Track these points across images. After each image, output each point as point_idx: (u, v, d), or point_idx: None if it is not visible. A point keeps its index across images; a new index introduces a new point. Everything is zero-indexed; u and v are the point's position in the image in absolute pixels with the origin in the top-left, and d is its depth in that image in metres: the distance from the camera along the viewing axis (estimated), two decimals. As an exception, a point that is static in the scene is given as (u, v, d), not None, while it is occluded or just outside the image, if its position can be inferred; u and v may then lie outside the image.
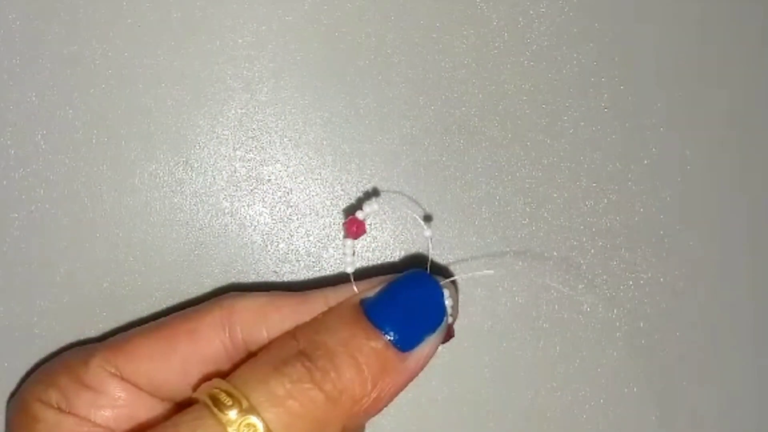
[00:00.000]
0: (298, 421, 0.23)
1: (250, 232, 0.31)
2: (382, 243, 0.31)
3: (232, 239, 0.31)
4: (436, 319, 0.25)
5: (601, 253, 0.32)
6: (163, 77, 0.30)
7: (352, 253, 0.27)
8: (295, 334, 0.25)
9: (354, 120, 0.31)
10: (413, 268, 0.26)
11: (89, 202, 0.31)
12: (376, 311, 0.25)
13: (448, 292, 0.26)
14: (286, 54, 0.31)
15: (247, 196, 0.31)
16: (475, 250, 0.31)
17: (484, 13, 0.31)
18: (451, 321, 0.26)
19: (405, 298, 0.25)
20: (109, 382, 0.26)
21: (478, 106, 0.31)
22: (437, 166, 0.31)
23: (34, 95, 0.30)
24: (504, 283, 0.31)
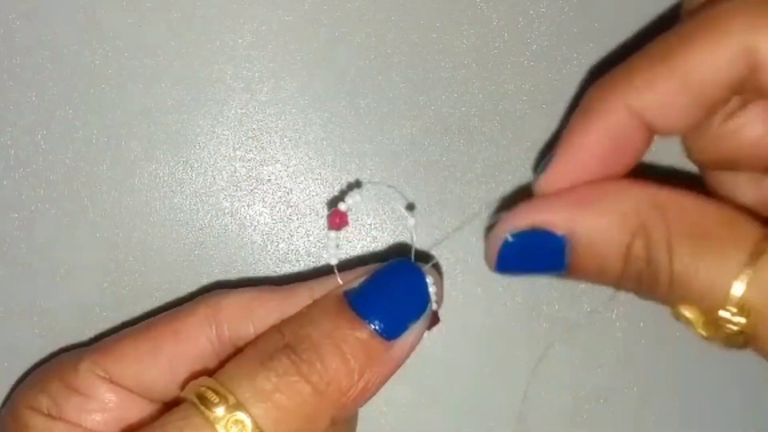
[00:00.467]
0: (287, 415, 0.23)
1: (250, 232, 0.31)
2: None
3: (232, 239, 0.31)
4: (420, 306, 0.25)
5: (601, 253, 0.32)
6: (163, 77, 0.30)
7: (336, 246, 0.27)
8: (281, 328, 0.25)
9: (354, 120, 0.31)
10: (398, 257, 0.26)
11: (89, 202, 0.31)
12: (360, 301, 0.25)
13: (432, 278, 0.26)
14: (286, 54, 0.31)
15: (247, 196, 0.31)
16: (475, 249, 0.31)
17: (484, 13, 0.31)
18: (435, 307, 0.26)
19: (388, 287, 0.25)
20: (98, 385, 0.26)
21: (478, 106, 0.31)
22: (437, 166, 0.31)
23: (34, 95, 0.30)
24: (504, 282, 0.31)
